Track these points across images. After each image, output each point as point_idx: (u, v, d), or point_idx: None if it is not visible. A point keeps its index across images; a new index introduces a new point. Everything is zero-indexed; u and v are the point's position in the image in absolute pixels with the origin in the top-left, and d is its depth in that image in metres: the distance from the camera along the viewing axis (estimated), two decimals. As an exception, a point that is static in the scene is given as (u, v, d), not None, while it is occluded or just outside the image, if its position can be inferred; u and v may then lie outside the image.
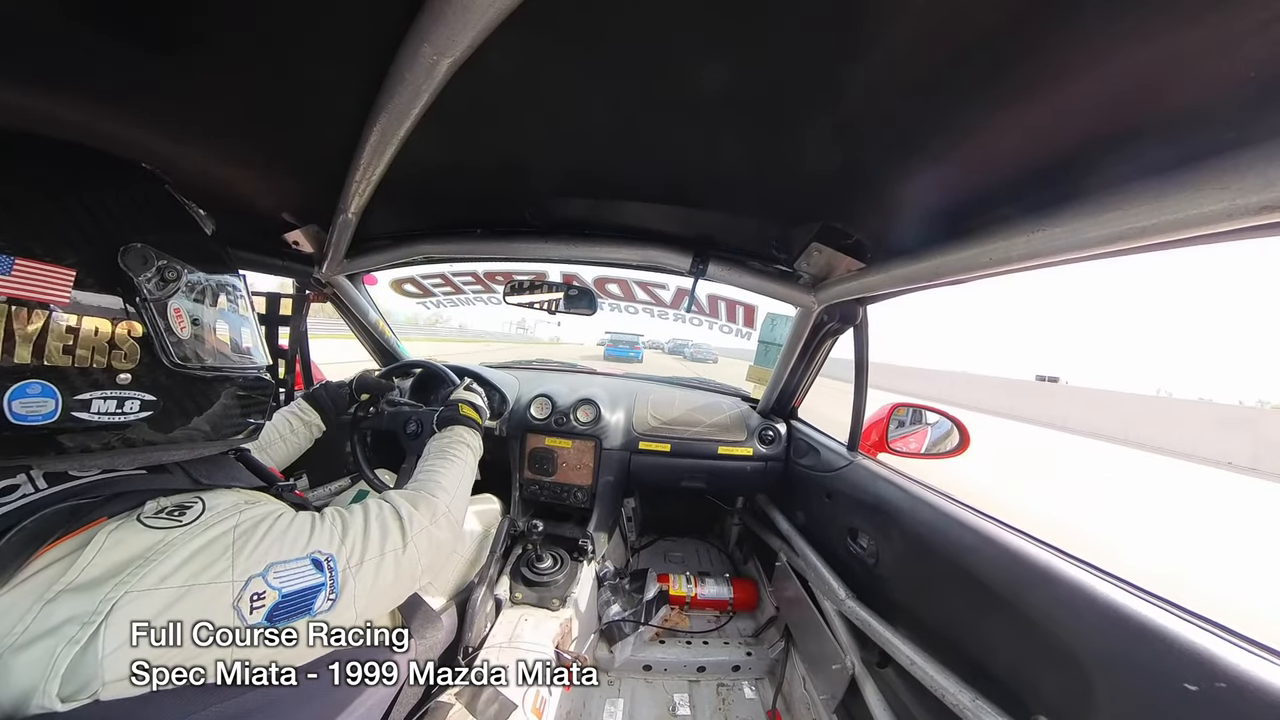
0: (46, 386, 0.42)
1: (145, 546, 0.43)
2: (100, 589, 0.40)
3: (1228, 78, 0.37)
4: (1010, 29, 0.39)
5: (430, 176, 0.90)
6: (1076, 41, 0.38)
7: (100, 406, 0.45)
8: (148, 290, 0.48)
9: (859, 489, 1.22)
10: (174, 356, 0.50)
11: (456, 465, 0.87)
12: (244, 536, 0.49)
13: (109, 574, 0.41)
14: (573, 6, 0.43)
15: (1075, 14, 0.36)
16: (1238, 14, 0.32)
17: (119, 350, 0.46)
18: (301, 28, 0.48)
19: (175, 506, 0.48)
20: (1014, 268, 0.68)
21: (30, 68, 0.52)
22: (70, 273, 0.43)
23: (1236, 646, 0.51)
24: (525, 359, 2.29)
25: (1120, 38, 0.36)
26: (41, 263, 0.42)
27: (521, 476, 1.64)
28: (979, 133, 0.54)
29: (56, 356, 0.43)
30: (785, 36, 0.44)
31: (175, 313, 0.51)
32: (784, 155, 0.70)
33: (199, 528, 0.47)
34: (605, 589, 1.55)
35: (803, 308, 1.26)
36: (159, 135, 0.68)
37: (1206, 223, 0.41)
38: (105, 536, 0.42)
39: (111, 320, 0.46)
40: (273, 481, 0.66)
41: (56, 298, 0.42)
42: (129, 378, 0.47)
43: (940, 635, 0.90)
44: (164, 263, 0.49)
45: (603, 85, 0.57)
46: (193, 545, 0.45)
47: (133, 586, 0.41)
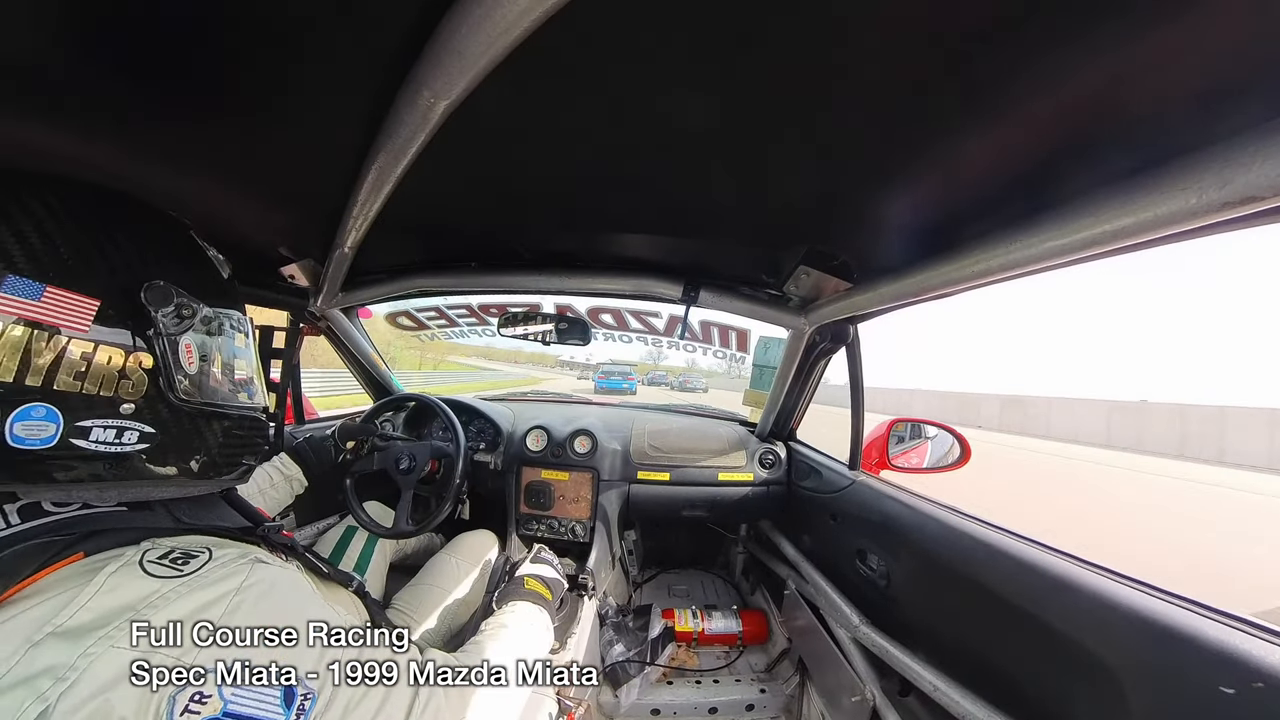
0: (51, 410, 0.42)
1: (140, 596, 0.40)
2: (85, 639, 0.37)
3: (1180, 86, 0.40)
4: (973, 56, 0.41)
5: (426, 212, 0.93)
6: (1038, 61, 0.41)
7: (100, 435, 0.45)
8: (164, 325, 0.49)
9: (864, 508, 1.20)
10: (179, 391, 0.50)
11: (512, 642, 0.70)
12: (234, 615, 0.42)
13: (99, 622, 0.38)
14: (561, 53, 0.46)
15: (1036, 37, 0.39)
16: (1183, 29, 0.35)
17: (127, 380, 0.47)
18: (305, 73, 0.51)
19: (181, 554, 0.44)
20: (996, 279, 0.70)
21: (37, 106, 0.54)
22: (95, 303, 0.45)
23: (1267, 643, 0.49)
24: (520, 390, 2.28)
25: (1080, 55, 0.39)
26: (69, 291, 0.44)
27: (518, 512, 1.59)
28: (951, 152, 0.57)
29: (66, 382, 0.43)
30: (760, 73, 0.47)
31: (186, 349, 0.52)
32: (766, 183, 0.73)
33: (198, 581, 0.42)
34: (608, 628, 1.49)
35: (795, 330, 1.28)
36: (163, 170, 0.70)
37: (1173, 222, 0.43)
38: (105, 578, 0.40)
39: (125, 351, 0.47)
40: (259, 522, 0.63)
41: (78, 326, 0.44)
42: (132, 408, 0.47)
43: (962, 657, 0.87)
44: (182, 300, 0.51)
45: (591, 124, 0.60)
46: (187, 605, 0.40)
47: (117, 640, 0.37)
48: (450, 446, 1.30)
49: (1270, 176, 0.36)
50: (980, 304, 72.74)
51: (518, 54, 0.39)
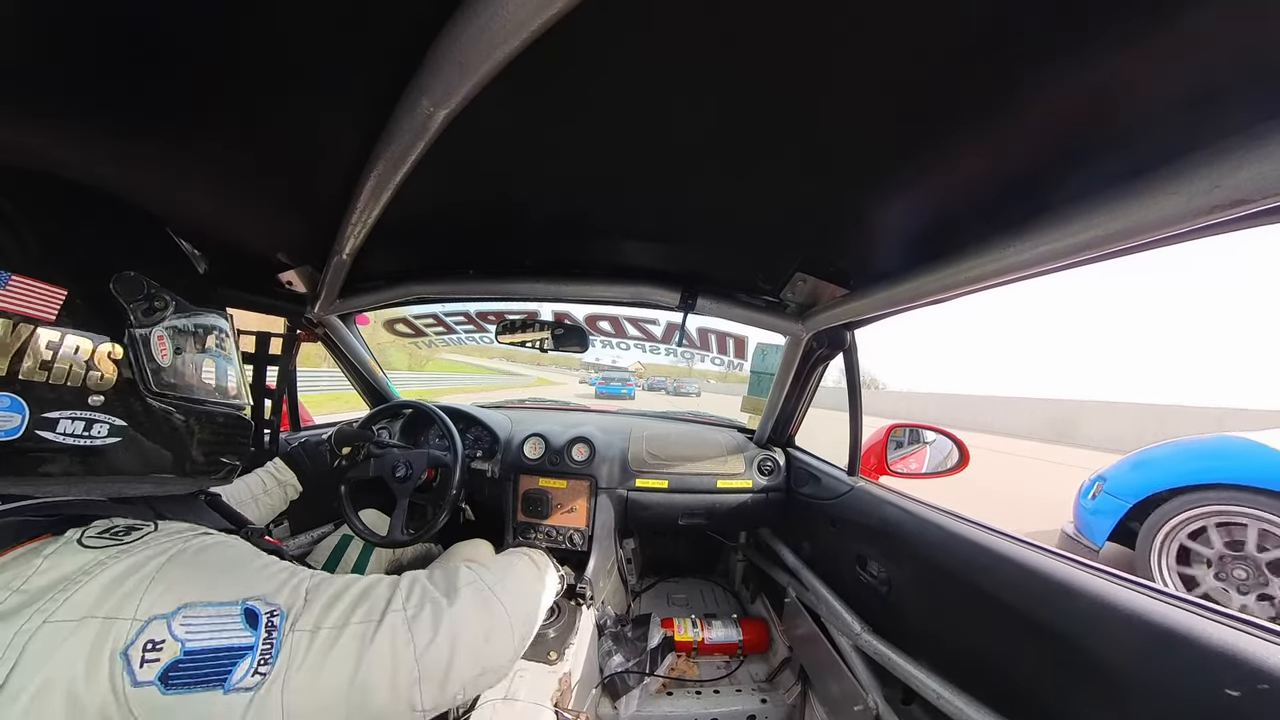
0: (16, 400, 0.41)
1: (76, 567, 0.38)
2: (18, 618, 0.35)
3: (1170, 91, 0.41)
4: (967, 64, 0.42)
5: (424, 219, 0.93)
6: (1032, 68, 0.42)
7: (67, 427, 0.44)
8: (135, 318, 0.49)
9: (863, 514, 1.20)
10: (151, 384, 0.50)
11: (515, 562, 0.70)
12: (175, 563, 0.40)
13: (31, 599, 0.36)
14: (560, 62, 0.46)
15: (1029, 45, 0.39)
16: (1174, 35, 0.36)
17: (96, 372, 0.46)
18: (306, 80, 0.51)
19: (125, 527, 0.43)
20: (991, 284, 0.71)
21: (34, 108, 0.53)
22: (61, 292, 0.44)
23: (1272, 644, 0.48)
24: (518, 398, 2.27)
25: (1073, 62, 0.40)
26: (35, 280, 0.43)
27: (515, 521, 1.58)
28: (946, 159, 0.58)
29: (33, 372, 0.42)
30: (755, 80, 0.48)
31: (159, 340, 0.51)
32: (762, 191, 0.74)
33: (138, 546, 0.41)
34: (606, 638, 1.47)
35: (792, 336, 1.28)
36: (163, 176, 0.70)
37: (1164, 225, 0.44)
38: (43, 559, 0.38)
39: (93, 342, 0.46)
40: (242, 524, 0.63)
41: (44, 315, 0.43)
42: (101, 399, 0.46)
43: (965, 663, 0.86)
44: (154, 291, 0.50)
45: (589, 132, 0.61)
46: (122, 566, 0.38)
47: (52, 615, 0.35)
48: (447, 455, 1.29)
49: (1258, 179, 0.37)
50: (967, 307, 74.13)
51: (516, 63, 0.40)
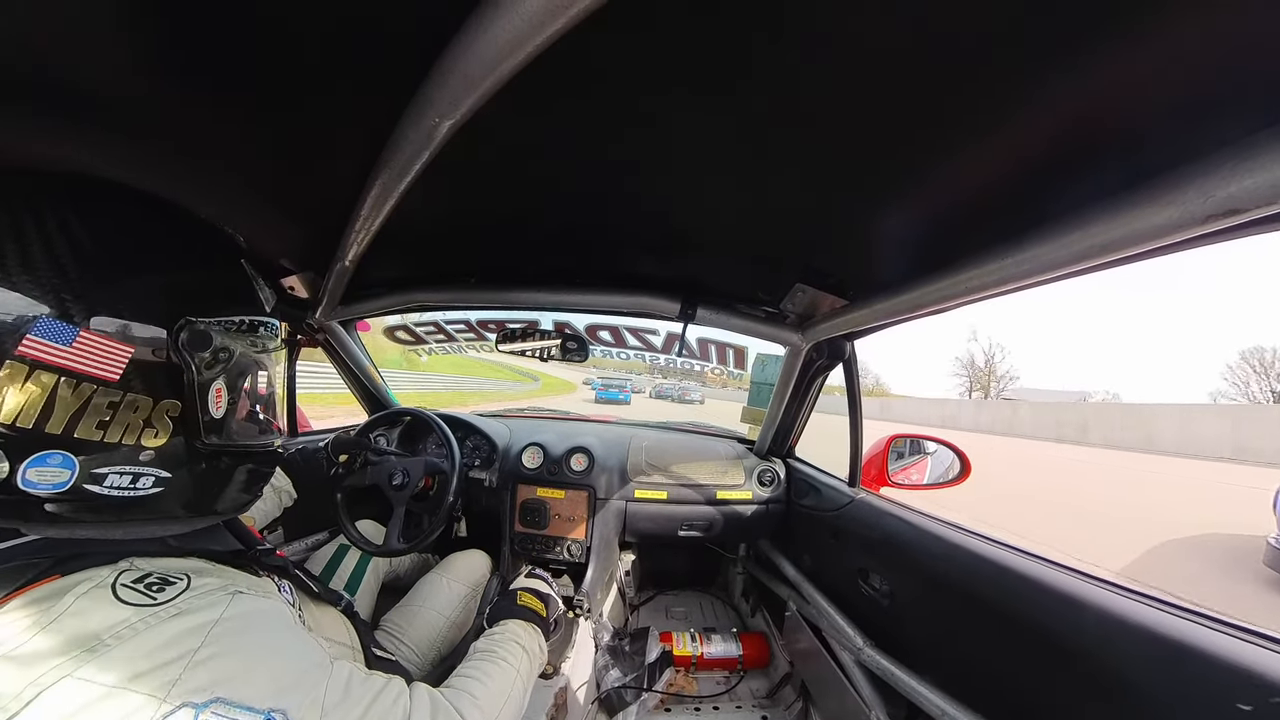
0: (68, 458, 0.40)
1: (107, 625, 0.37)
2: (37, 666, 0.34)
3: (1164, 102, 0.42)
4: (964, 78, 0.43)
5: (427, 227, 0.94)
6: (1028, 82, 0.42)
7: (115, 481, 0.43)
8: (197, 370, 0.47)
9: (865, 526, 1.19)
10: (204, 436, 0.48)
11: (501, 671, 0.68)
12: (213, 642, 0.39)
13: (57, 650, 0.35)
14: (564, 74, 0.47)
15: (1025, 58, 0.40)
16: (1168, 45, 0.37)
17: (152, 429, 0.44)
18: (315, 89, 0.52)
19: (158, 579, 0.42)
20: (990, 294, 0.71)
21: (41, 106, 0.53)
22: (129, 350, 0.42)
23: None
24: (517, 407, 2.26)
25: (1069, 73, 0.41)
26: (103, 338, 0.41)
27: (512, 531, 1.56)
28: (944, 171, 0.59)
29: (90, 431, 0.41)
30: (756, 94, 0.49)
31: (216, 393, 0.49)
32: (762, 204, 0.75)
33: (171, 610, 0.40)
34: (603, 652, 1.44)
35: (791, 347, 1.29)
36: (171, 177, 0.70)
37: (1160, 235, 0.44)
38: (73, 600, 0.38)
39: (154, 399, 0.44)
40: (252, 544, 0.61)
41: (109, 375, 0.41)
42: (152, 454, 0.45)
43: (970, 679, 0.84)
44: (221, 344, 0.48)
45: (591, 143, 0.62)
46: (156, 637, 0.37)
47: (72, 671, 0.34)
48: (445, 463, 1.29)
49: (1250, 188, 0.37)
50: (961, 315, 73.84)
51: (522, 75, 0.41)
